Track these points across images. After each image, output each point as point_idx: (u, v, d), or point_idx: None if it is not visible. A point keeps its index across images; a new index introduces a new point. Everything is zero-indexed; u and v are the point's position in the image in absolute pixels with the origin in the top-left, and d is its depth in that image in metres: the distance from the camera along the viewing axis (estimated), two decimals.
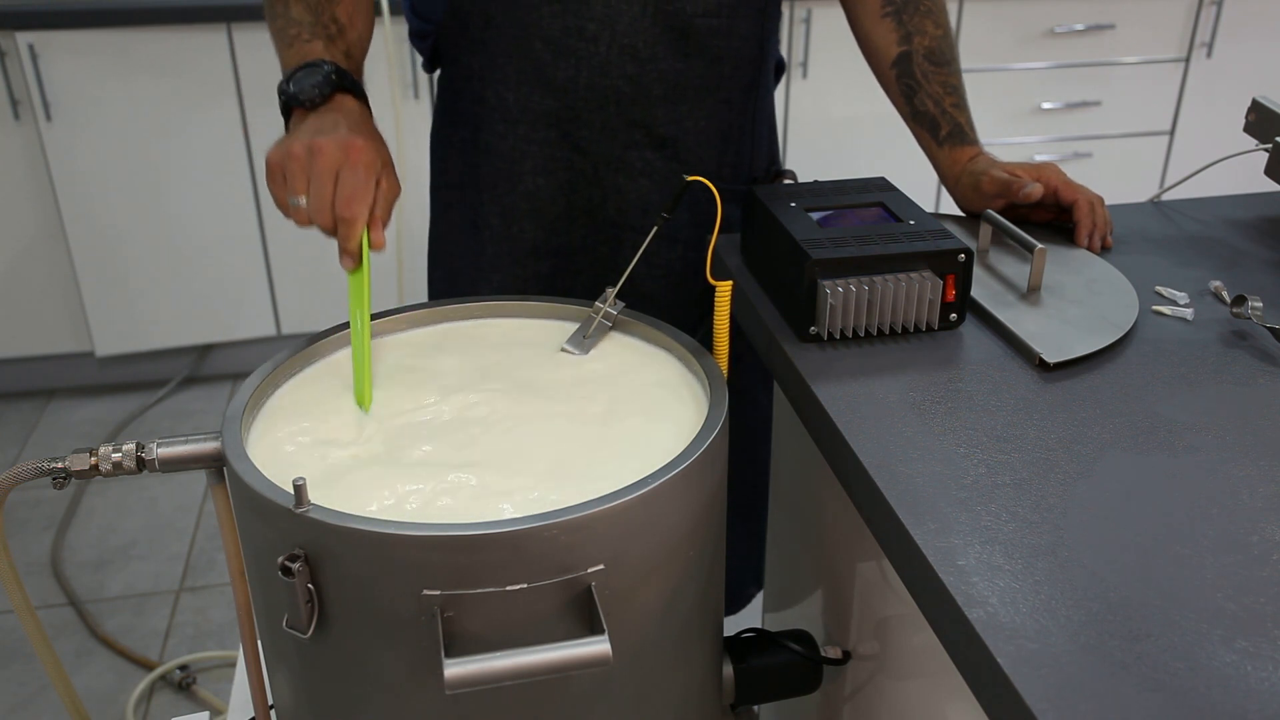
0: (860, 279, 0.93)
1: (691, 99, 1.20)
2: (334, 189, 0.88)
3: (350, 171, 0.89)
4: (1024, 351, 0.92)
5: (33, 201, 2.61)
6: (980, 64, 2.87)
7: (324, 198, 0.88)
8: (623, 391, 0.89)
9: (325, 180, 0.88)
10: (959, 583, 0.66)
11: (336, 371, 0.93)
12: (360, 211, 0.89)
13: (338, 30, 1.05)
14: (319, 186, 0.88)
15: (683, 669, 0.86)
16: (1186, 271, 1.08)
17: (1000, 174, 1.12)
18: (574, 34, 1.15)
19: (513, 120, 1.20)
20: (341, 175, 0.88)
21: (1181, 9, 2.93)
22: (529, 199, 1.23)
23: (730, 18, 1.17)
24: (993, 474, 0.77)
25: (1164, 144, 3.09)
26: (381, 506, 0.76)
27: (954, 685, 0.72)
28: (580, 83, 1.17)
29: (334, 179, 0.88)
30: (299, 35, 1.02)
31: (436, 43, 1.24)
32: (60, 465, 0.85)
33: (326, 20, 1.04)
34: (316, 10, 1.04)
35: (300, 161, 0.89)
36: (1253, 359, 0.92)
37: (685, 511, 0.78)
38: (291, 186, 0.89)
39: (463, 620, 0.71)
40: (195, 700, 1.95)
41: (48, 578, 2.22)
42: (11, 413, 2.78)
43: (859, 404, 0.85)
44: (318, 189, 0.88)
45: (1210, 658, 0.61)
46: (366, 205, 0.89)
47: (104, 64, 2.49)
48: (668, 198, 1.23)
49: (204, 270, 2.73)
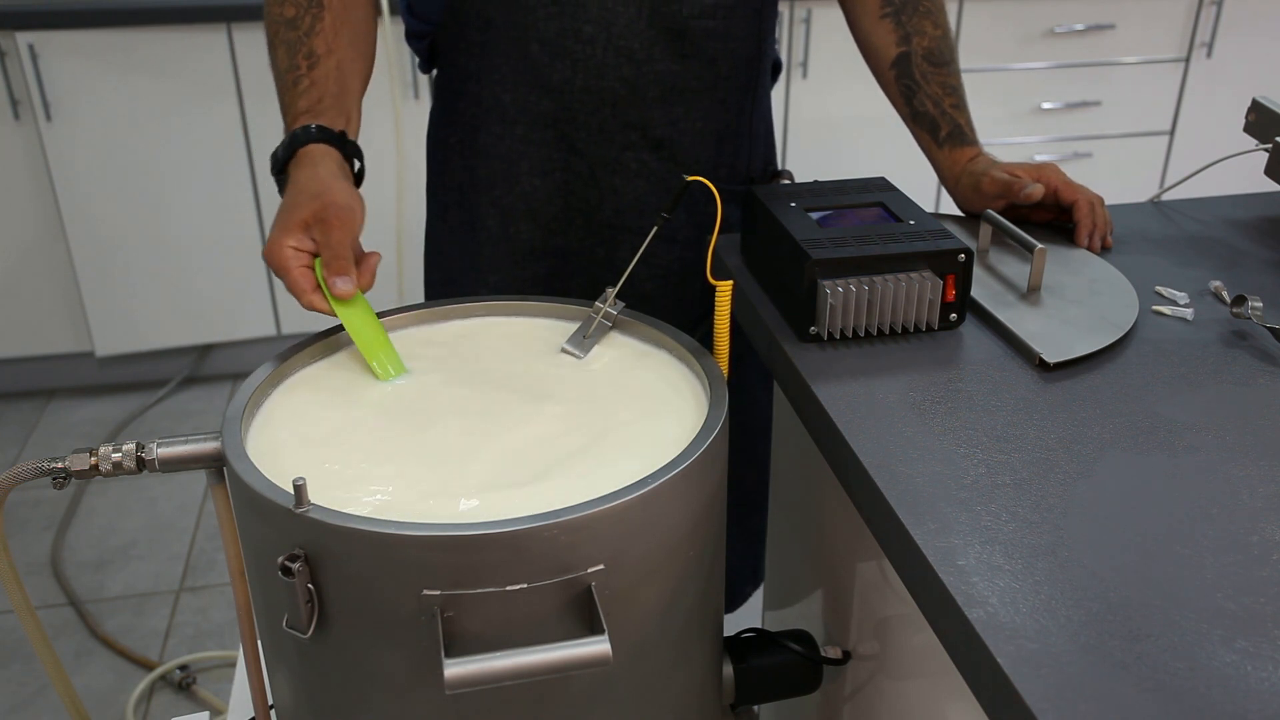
0: (860, 279, 0.93)
1: (687, 100, 1.20)
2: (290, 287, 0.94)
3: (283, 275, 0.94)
4: (1024, 351, 0.92)
5: (33, 201, 2.61)
6: (980, 64, 2.87)
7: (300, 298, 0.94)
8: (623, 391, 0.89)
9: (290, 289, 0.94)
10: (959, 583, 0.66)
11: (337, 371, 0.93)
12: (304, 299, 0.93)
13: (309, 66, 1.06)
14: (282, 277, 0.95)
15: (683, 669, 0.86)
16: (1186, 271, 1.08)
17: (1001, 174, 1.12)
18: (570, 36, 1.15)
19: (509, 121, 1.20)
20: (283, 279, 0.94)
21: (1181, 9, 2.93)
22: (525, 200, 1.24)
23: (726, 19, 1.17)
24: (993, 474, 0.77)
25: (1164, 144, 3.09)
26: (381, 506, 0.76)
27: (954, 685, 0.72)
28: (576, 84, 1.17)
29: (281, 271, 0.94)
30: (280, 85, 1.07)
31: (433, 43, 1.24)
32: (60, 465, 0.85)
33: (299, 60, 1.07)
34: (293, 50, 1.07)
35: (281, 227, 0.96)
36: (1253, 359, 0.92)
37: (685, 511, 0.78)
38: None
39: (463, 620, 0.71)
40: (195, 700, 1.95)
41: (48, 578, 2.22)
42: (11, 413, 2.78)
43: (859, 404, 0.85)
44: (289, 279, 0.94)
45: (1210, 658, 0.61)
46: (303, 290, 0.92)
47: (104, 64, 2.49)
48: (664, 199, 1.23)
49: (204, 270, 2.73)
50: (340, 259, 0.92)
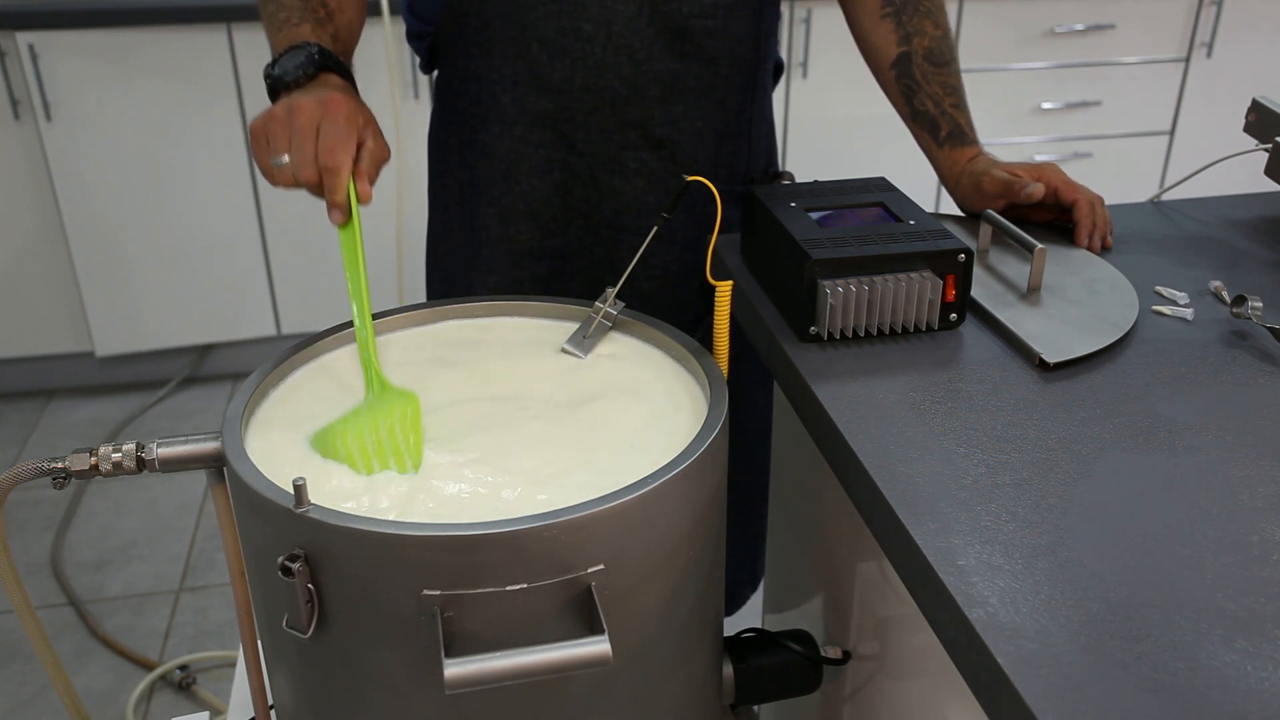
0: (860, 279, 0.93)
1: (687, 100, 1.20)
2: (315, 142, 0.89)
3: (330, 123, 0.89)
4: (1024, 351, 0.92)
5: (33, 201, 2.61)
6: (980, 64, 2.87)
7: (306, 151, 0.89)
8: (622, 392, 0.89)
9: (306, 134, 0.89)
10: (959, 583, 0.66)
11: (337, 371, 0.93)
12: (343, 160, 0.89)
13: (326, 15, 1.06)
14: (300, 141, 0.89)
15: (683, 669, 0.86)
16: (1186, 271, 1.08)
17: (1001, 174, 1.12)
18: (569, 34, 1.15)
19: (509, 121, 1.20)
20: (322, 128, 0.89)
21: (1181, 9, 2.93)
22: (525, 200, 1.23)
23: (726, 18, 1.17)
24: (993, 474, 0.77)
25: (1164, 144, 3.09)
26: (381, 506, 0.76)
27: (954, 685, 0.72)
28: (576, 83, 1.17)
29: (315, 133, 0.89)
30: (288, 20, 1.04)
31: (434, 44, 1.25)
32: (60, 465, 0.84)
33: (315, 5, 1.05)
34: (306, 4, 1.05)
35: (280, 121, 0.90)
36: (1253, 359, 0.92)
37: (685, 511, 0.78)
38: (274, 146, 0.90)
39: (463, 620, 0.71)
40: (195, 700, 1.95)
41: (48, 578, 2.22)
42: (11, 413, 2.78)
43: (859, 404, 0.85)
44: (299, 144, 0.89)
45: (1210, 658, 0.61)
46: (349, 154, 0.89)
47: (104, 64, 2.49)
48: (663, 199, 1.23)
49: (204, 270, 2.73)
50: (378, 167, 0.92)
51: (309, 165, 0.89)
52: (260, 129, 0.91)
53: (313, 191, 0.91)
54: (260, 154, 0.91)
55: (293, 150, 0.89)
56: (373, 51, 2.55)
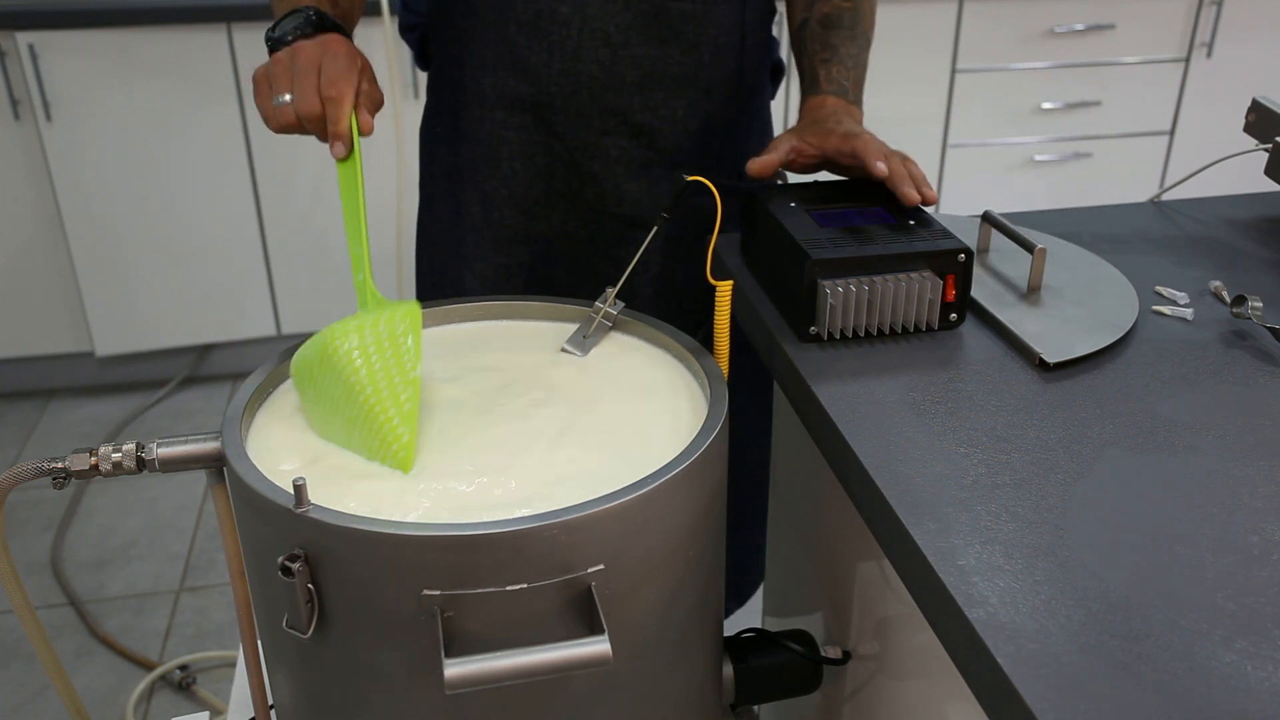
0: (860, 279, 0.93)
1: (668, 87, 1.19)
2: (318, 77, 0.91)
3: (332, 59, 0.92)
4: (1024, 351, 0.92)
5: (33, 201, 2.61)
6: (980, 64, 2.87)
7: (309, 85, 0.91)
8: (623, 392, 0.89)
9: (308, 71, 0.91)
10: (959, 583, 0.66)
11: None
12: (346, 90, 0.91)
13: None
14: (302, 78, 0.91)
15: (683, 669, 0.86)
16: (1186, 271, 1.08)
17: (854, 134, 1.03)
18: (546, 18, 1.14)
19: (489, 105, 1.20)
20: (324, 64, 0.91)
21: (1181, 9, 2.93)
22: (508, 184, 1.23)
23: (707, 3, 1.16)
24: (993, 474, 0.77)
25: (1164, 144, 3.09)
26: (381, 506, 0.76)
27: (954, 685, 0.72)
28: (554, 68, 1.17)
29: (317, 70, 0.91)
30: None
31: (424, 34, 1.25)
32: (60, 465, 0.85)
33: None
34: None
35: (283, 64, 0.93)
36: (1253, 359, 0.92)
37: (685, 511, 0.78)
38: (276, 87, 0.92)
39: (463, 620, 0.71)
40: (195, 700, 1.95)
41: (48, 578, 2.22)
42: (11, 413, 2.78)
43: (859, 404, 0.85)
44: (301, 80, 0.91)
45: (1210, 658, 0.61)
46: (351, 85, 0.91)
47: (104, 64, 2.49)
48: (645, 186, 1.22)
49: (204, 270, 2.73)
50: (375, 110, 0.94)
51: (312, 98, 0.91)
52: (262, 73, 0.94)
53: (313, 128, 0.93)
54: (261, 98, 0.94)
55: (295, 86, 0.91)
56: (373, 51, 2.55)
